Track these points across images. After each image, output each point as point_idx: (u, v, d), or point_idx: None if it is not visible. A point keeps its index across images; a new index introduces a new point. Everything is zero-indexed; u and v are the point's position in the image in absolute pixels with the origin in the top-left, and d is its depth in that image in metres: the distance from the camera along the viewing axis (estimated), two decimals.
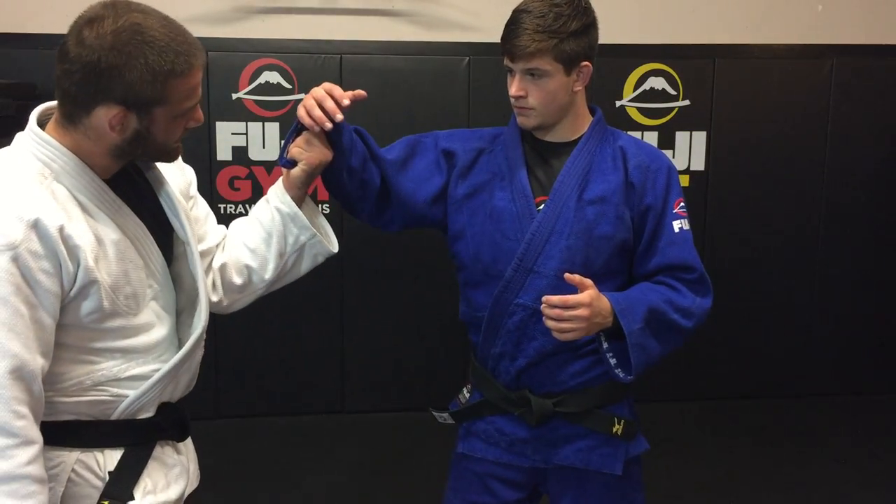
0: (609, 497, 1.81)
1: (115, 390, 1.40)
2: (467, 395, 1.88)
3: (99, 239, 1.33)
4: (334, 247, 1.69)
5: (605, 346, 1.71)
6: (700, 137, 4.10)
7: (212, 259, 1.63)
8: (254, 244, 1.61)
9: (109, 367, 1.39)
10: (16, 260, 1.23)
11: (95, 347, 1.38)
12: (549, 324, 1.61)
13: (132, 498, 1.41)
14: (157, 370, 1.43)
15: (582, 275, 1.65)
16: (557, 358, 1.74)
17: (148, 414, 1.45)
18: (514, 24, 1.65)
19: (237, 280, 1.62)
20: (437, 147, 1.81)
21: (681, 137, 4.09)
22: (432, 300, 3.82)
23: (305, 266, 1.67)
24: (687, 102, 4.07)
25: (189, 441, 1.61)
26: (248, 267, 1.61)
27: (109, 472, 1.41)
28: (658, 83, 4.05)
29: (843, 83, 4.13)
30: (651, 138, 4.04)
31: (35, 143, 1.33)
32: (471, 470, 1.86)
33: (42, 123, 1.36)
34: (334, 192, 1.74)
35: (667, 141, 4.07)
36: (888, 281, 4.31)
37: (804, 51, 4.14)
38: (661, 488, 2.87)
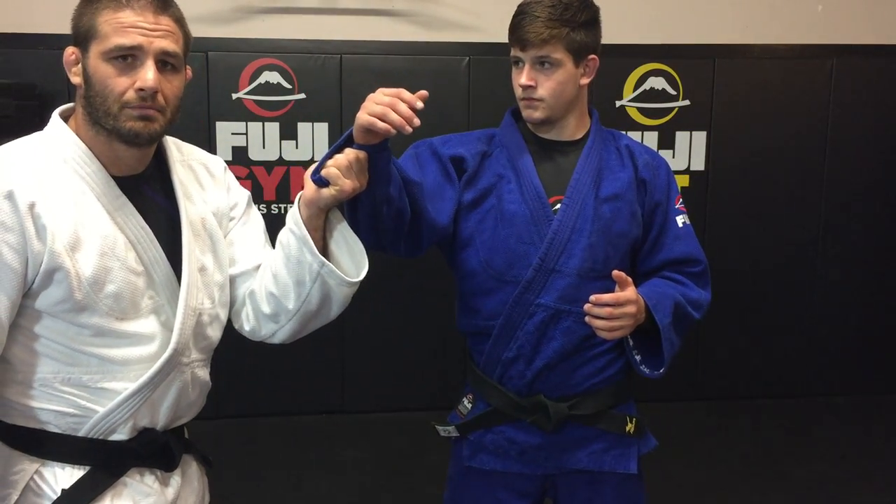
0: (619, 497, 1.80)
1: (83, 402, 1.33)
2: (469, 406, 1.83)
3: (82, 227, 1.29)
4: (353, 275, 1.45)
5: (631, 343, 1.72)
6: (700, 137, 4.10)
7: (248, 285, 1.52)
8: (275, 268, 1.46)
9: (80, 372, 1.32)
10: None
11: (72, 347, 1.31)
12: (599, 323, 1.60)
13: None
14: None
15: (601, 272, 1.65)
16: (573, 360, 1.73)
17: (121, 437, 1.37)
18: (524, 14, 1.66)
19: (266, 308, 1.49)
20: (437, 155, 1.74)
21: (681, 137, 4.08)
22: (432, 300, 3.81)
23: (336, 306, 1.48)
24: (687, 102, 4.07)
25: (193, 475, 1.53)
26: (272, 294, 1.47)
27: (63, 490, 1.33)
28: (658, 83, 4.05)
29: (843, 83, 4.13)
30: (651, 138, 4.04)
31: (49, 129, 1.36)
32: (478, 484, 1.82)
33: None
34: (366, 227, 1.52)
35: (667, 141, 4.07)
36: (888, 280, 4.31)
37: (804, 51, 4.14)
38: (661, 488, 2.86)
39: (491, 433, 1.78)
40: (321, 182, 1.41)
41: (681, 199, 1.81)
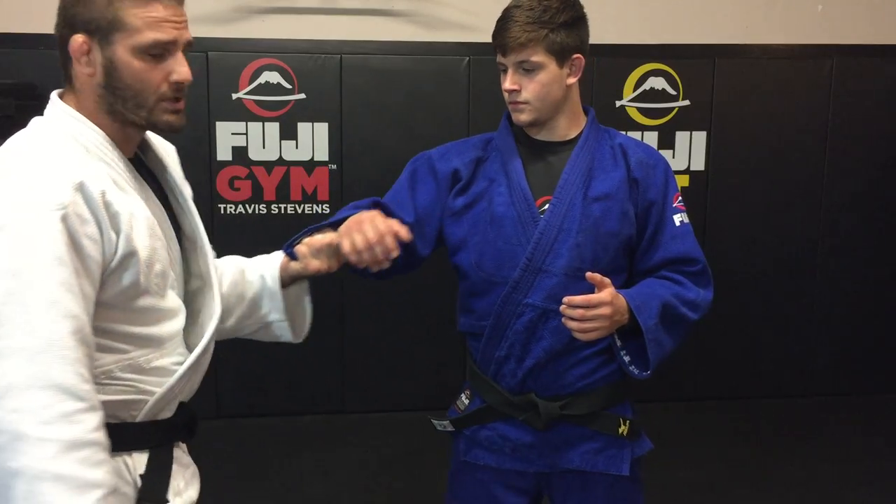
0: (613, 499, 1.80)
1: (140, 385, 1.34)
2: (466, 402, 1.84)
3: (132, 211, 1.30)
4: (299, 336, 1.64)
5: (619, 343, 1.72)
6: (700, 137, 4.10)
7: None
8: (227, 290, 1.55)
9: (136, 355, 1.33)
10: (65, 220, 1.19)
11: (122, 332, 1.31)
12: (572, 325, 1.61)
13: (167, 501, 1.36)
14: (177, 363, 1.37)
15: (589, 272, 1.65)
16: (564, 359, 1.73)
17: (168, 414, 1.40)
18: (503, 20, 1.69)
19: None
20: (433, 172, 1.77)
21: (681, 137, 4.09)
22: (432, 300, 3.82)
23: (263, 336, 1.64)
24: (687, 102, 4.07)
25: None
26: None
27: (140, 476, 1.34)
28: (658, 83, 4.05)
29: (843, 83, 4.14)
30: (651, 138, 4.04)
31: (62, 117, 1.32)
32: (474, 479, 1.83)
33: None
34: (356, 271, 1.61)
35: (667, 141, 4.07)
36: (888, 280, 4.32)
37: (804, 51, 4.15)
38: (660, 488, 2.87)
39: (485, 429, 1.80)
40: (292, 256, 1.53)
41: (679, 198, 1.79)
